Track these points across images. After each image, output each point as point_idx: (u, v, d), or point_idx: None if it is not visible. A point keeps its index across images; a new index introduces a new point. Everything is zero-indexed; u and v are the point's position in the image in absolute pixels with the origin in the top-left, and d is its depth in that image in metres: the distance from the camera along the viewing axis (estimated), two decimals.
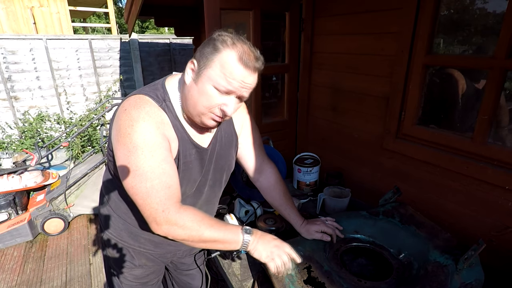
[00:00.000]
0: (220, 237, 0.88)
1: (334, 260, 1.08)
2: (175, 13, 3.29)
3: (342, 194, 1.52)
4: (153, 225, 0.83)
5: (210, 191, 1.06)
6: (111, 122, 0.89)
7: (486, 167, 1.18)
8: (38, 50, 4.56)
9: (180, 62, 5.83)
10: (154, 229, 0.84)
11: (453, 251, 1.00)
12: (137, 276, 1.11)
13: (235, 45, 0.79)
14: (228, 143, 1.07)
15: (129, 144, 0.79)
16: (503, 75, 1.10)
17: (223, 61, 0.79)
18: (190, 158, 0.93)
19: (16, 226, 2.80)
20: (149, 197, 0.80)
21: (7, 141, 4.42)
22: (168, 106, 0.87)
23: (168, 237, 0.85)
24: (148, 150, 0.79)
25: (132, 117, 0.80)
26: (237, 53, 0.79)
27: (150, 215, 0.82)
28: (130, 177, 0.80)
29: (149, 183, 0.80)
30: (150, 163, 0.79)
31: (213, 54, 0.79)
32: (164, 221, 0.81)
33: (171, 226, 0.82)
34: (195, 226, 0.84)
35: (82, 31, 11.63)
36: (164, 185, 0.81)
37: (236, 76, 0.80)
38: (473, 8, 1.25)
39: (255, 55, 0.82)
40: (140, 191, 0.80)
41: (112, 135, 0.85)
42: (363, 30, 1.54)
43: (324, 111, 1.91)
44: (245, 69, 0.80)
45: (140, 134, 0.79)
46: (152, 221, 0.82)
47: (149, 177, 0.79)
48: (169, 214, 0.81)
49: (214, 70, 0.80)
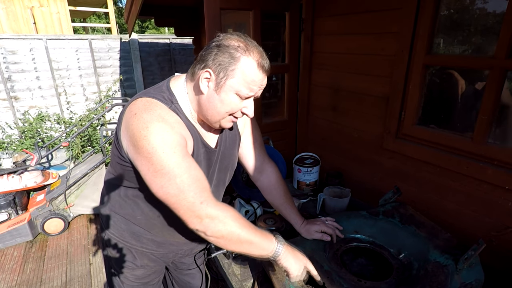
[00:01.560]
0: (256, 240, 0.85)
1: (334, 260, 1.08)
2: (175, 13, 3.29)
3: (342, 194, 1.52)
4: (193, 221, 0.79)
5: (215, 191, 1.07)
6: (118, 127, 0.87)
7: (486, 167, 1.18)
8: (38, 50, 4.56)
9: (180, 62, 5.81)
10: (193, 225, 0.80)
11: (453, 251, 1.00)
12: (139, 276, 1.11)
13: (250, 50, 0.82)
14: (232, 143, 1.07)
15: (148, 146, 0.76)
16: (503, 75, 1.10)
17: (244, 70, 0.81)
18: (200, 158, 0.94)
19: (16, 226, 2.80)
20: (182, 193, 0.77)
21: (7, 141, 4.42)
22: (177, 107, 0.87)
23: (206, 233, 0.81)
24: (169, 147, 0.77)
25: (145, 120, 0.78)
26: (255, 59, 0.82)
27: (188, 210, 0.78)
28: (157, 179, 0.77)
29: (179, 179, 0.77)
30: (174, 159, 0.77)
31: (233, 64, 0.81)
32: (205, 214, 0.78)
33: (212, 220, 0.79)
34: (236, 224, 0.82)
35: (82, 31, 11.63)
36: (194, 178, 0.79)
37: (257, 82, 0.84)
38: (473, 8, 1.25)
39: (265, 56, 0.85)
40: (171, 189, 0.77)
41: (125, 142, 0.83)
42: (363, 30, 1.54)
43: (324, 111, 1.91)
44: (263, 74, 0.84)
45: (158, 135, 0.77)
46: (190, 216, 0.79)
47: (177, 173, 0.77)
48: (209, 206, 0.79)
49: (237, 79, 0.82)
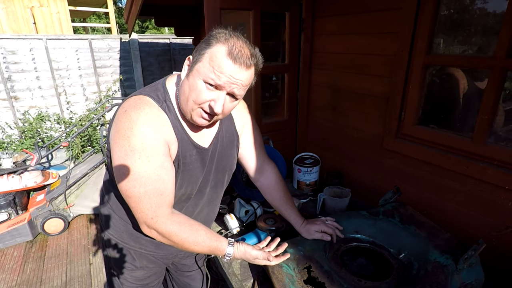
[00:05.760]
0: (205, 250, 0.94)
1: (334, 260, 1.08)
2: (175, 13, 3.29)
3: (342, 194, 1.52)
4: (143, 227, 0.88)
5: (212, 192, 1.06)
6: (111, 122, 0.89)
7: (486, 167, 1.18)
8: (38, 50, 4.56)
9: (180, 62, 5.82)
10: (144, 231, 0.88)
11: (453, 251, 1.01)
12: (138, 277, 1.11)
13: (227, 40, 0.79)
14: (230, 143, 1.06)
15: (127, 147, 0.79)
16: (503, 75, 1.10)
17: (212, 55, 0.79)
18: (191, 159, 0.93)
19: (16, 226, 2.80)
20: (141, 202, 0.83)
21: (7, 141, 4.42)
22: (169, 106, 0.87)
23: (156, 239, 0.90)
24: (146, 155, 0.80)
25: (132, 119, 0.80)
26: (227, 47, 0.78)
27: (140, 218, 0.86)
28: (125, 180, 0.81)
29: (143, 189, 0.81)
30: (146, 169, 0.80)
31: (205, 49, 0.80)
32: (153, 227, 0.86)
33: (158, 234, 0.87)
34: (181, 239, 0.88)
35: (82, 31, 11.63)
36: (157, 192, 0.83)
37: (224, 70, 0.78)
38: (473, 8, 1.25)
39: (250, 52, 0.80)
40: (133, 195, 0.82)
41: (111, 135, 0.85)
42: (363, 30, 1.54)
43: (324, 111, 1.91)
44: (234, 63, 0.78)
45: (139, 138, 0.79)
46: (142, 223, 0.87)
47: (143, 183, 0.81)
48: (157, 223, 0.85)
49: (204, 63, 0.80)
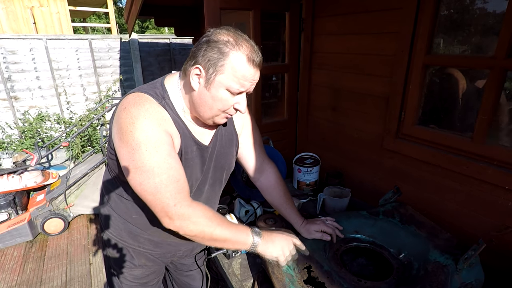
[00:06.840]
0: (231, 236, 0.89)
1: (334, 260, 1.08)
2: (175, 13, 3.28)
3: (342, 194, 1.52)
4: (165, 220, 0.82)
5: (211, 190, 1.06)
6: (111, 121, 0.89)
7: (486, 167, 1.18)
8: (38, 50, 4.56)
9: (180, 62, 5.82)
10: (166, 224, 0.83)
11: (453, 251, 1.01)
12: (137, 276, 1.11)
13: (239, 45, 0.81)
14: (229, 142, 1.07)
15: (132, 141, 0.78)
16: (503, 75, 1.10)
17: (234, 66, 0.80)
18: (192, 155, 0.93)
19: (16, 226, 2.80)
20: (158, 192, 0.80)
21: (7, 141, 4.42)
22: (168, 103, 0.88)
23: (179, 232, 0.84)
24: (152, 146, 0.79)
25: (133, 115, 0.80)
26: (244, 54, 0.80)
27: (161, 210, 0.81)
28: (137, 175, 0.80)
29: (157, 178, 0.79)
30: (155, 159, 0.79)
31: (222, 60, 0.80)
32: (177, 215, 0.81)
33: (184, 221, 0.82)
34: (208, 223, 0.85)
35: (82, 31, 11.63)
36: (172, 179, 0.81)
37: (248, 77, 0.83)
38: (473, 8, 1.25)
39: (256, 49, 0.84)
40: (148, 187, 0.80)
41: (113, 134, 0.85)
42: (363, 30, 1.54)
43: (324, 111, 1.91)
44: (253, 68, 0.83)
45: (142, 131, 0.79)
46: (164, 216, 0.82)
47: (156, 173, 0.79)
48: (182, 208, 0.81)
49: (227, 75, 0.81)
